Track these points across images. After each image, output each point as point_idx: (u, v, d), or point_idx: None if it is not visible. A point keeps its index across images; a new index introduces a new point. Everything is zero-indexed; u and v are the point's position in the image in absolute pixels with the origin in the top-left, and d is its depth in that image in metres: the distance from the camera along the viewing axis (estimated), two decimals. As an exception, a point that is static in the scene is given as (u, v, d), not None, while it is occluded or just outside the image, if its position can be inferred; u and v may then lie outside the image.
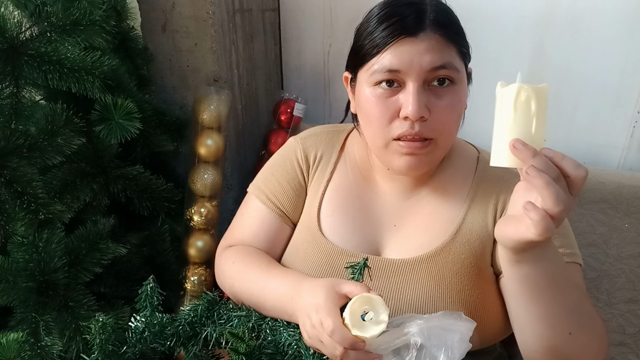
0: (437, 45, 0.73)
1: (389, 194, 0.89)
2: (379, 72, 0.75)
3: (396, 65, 0.74)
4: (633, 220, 1.12)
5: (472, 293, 0.80)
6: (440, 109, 0.76)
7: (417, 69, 0.73)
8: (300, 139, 0.97)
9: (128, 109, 1.06)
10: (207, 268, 1.29)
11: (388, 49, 0.74)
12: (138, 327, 0.74)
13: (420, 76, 0.74)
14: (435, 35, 0.73)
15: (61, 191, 1.06)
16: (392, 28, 0.74)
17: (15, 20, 0.99)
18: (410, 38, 0.73)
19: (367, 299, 0.66)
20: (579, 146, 1.29)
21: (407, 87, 0.75)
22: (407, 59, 0.73)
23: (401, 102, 0.75)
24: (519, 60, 1.28)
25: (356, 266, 0.76)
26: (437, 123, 0.76)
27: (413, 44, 0.73)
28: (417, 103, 0.73)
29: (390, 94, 0.76)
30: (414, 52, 0.73)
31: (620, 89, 1.21)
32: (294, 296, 0.75)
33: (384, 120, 0.77)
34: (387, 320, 0.66)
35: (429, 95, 0.75)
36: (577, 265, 0.81)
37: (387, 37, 0.74)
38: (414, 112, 0.73)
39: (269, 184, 0.94)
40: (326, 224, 0.89)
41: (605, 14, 1.16)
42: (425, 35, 0.73)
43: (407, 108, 0.74)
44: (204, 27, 1.27)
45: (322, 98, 1.56)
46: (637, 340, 1.12)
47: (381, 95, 0.76)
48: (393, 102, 0.76)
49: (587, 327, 0.72)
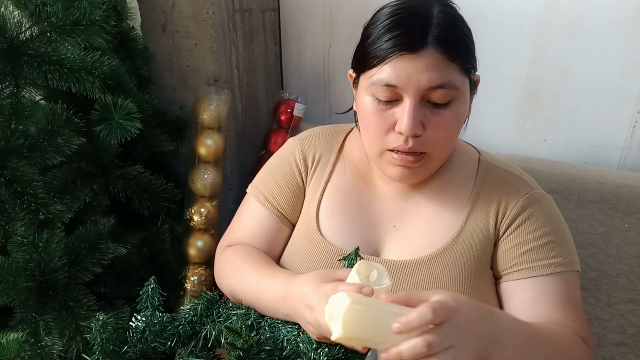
0: (437, 63, 0.73)
1: (389, 195, 0.89)
2: (377, 85, 0.75)
3: (394, 80, 0.73)
4: (633, 220, 1.12)
5: (471, 296, 0.80)
6: (435, 125, 0.76)
7: (415, 86, 0.73)
8: (299, 140, 0.97)
9: (128, 109, 1.06)
10: (207, 268, 1.29)
11: (388, 62, 0.73)
12: (139, 327, 0.74)
13: (418, 93, 0.74)
14: (436, 53, 0.72)
15: (61, 191, 1.06)
16: (394, 41, 0.73)
17: (15, 20, 0.99)
18: (411, 54, 0.72)
19: (370, 265, 0.67)
20: (579, 146, 1.29)
21: (404, 103, 0.75)
22: (406, 75, 0.73)
23: (397, 117, 0.76)
24: (519, 60, 1.28)
25: (348, 257, 0.77)
26: (431, 138, 0.76)
27: (413, 61, 0.72)
28: (411, 120, 0.74)
29: (388, 107, 0.76)
30: (412, 69, 0.72)
31: (620, 89, 1.21)
32: (286, 296, 0.76)
33: (380, 131, 0.77)
34: (391, 282, 0.67)
35: (425, 111, 0.75)
36: (573, 273, 0.82)
37: (388, 50, 0.73)
38: (408, 129, 0.74)
39: (268, 185, 0.94)
40: (325, 224, 0.89)
41: (605, 14, 1.17)
42: (426, 52, 0.72)
43: (401, 124, 0.74)
44: (204, 27, 1.27)
45: (322, 98, 1.56)
46: (637, 340, 1.12)
47: (378, 107, 0.77)
48: (389, 116, 0.76)
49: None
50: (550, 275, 0.80)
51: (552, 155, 1.32)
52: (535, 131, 1.33)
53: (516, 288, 0.82)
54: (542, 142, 1.33)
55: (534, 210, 0.83)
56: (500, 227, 0.83)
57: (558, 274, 0.80)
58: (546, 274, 0.80)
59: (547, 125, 1.31)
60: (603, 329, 1.14)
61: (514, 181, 0.85)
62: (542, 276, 0.80)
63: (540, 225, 0.82)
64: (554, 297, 0.80)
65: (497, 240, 0.83)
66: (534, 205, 0.83)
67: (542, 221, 0.82)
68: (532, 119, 1.32)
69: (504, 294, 0.83)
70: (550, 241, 0.81)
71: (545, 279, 0.80)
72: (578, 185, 1.16)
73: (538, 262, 0.80)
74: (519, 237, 0.82)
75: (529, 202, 0.83)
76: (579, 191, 1.16)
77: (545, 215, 0.83)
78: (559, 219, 0.85)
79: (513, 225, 0.82)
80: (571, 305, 0.81)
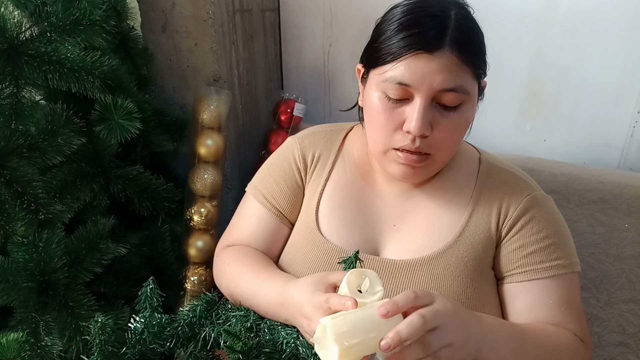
0: (451, 66, 0.72)
1: (389, 194, 0.89)
2: (389, 82, 0.74)
3: (408, 79, 0.73)
4: (633, 220, 1.12)
5: (472, 296, 0.80)
6: (443, 127, 0.76)
7: (428, 86, 0.73)
8: (298, 138, 0.97)
9: (128, 109, 1.06)
10: (207, 268, 1.29)
11: (402, 60, 0.73)
12: (137, 328, 0.74)
13: (430, 94, 0.73)
14: (452, 55, 0.72)
15: (61, 191, 1.06)
16: (411, 39, 0.72)
17: (15, 20, 0.99)
18: (427, 54, 0.72)
19: (361, 273, 0.66)
20: (579, 146, 1.29)
21: (415, 102, 0.74)
22: (419, 75, 0.72)
23: (406, 116, 0.75)
24: (519, 60, 1.28)
25: (348, 260, 0.76)
26: (437, 140, 0.76)
27: (428, 61, 0.72)
28: (421, 120, 0.73)
29: (398, 105, 0.76)
30: (427, 69, 0.72)
31: (620, 89, 1.20)
32: (282, 303, 0.76)
33: (388, 129, 0.77)
34: (382, 290, 0.66)
35: (435, 112, 0.75)
36: (574, 274, 0.83)
37: (403, 47, 0.72)
38: (417, 129, 0.73)
39: (267, 184, 0.94)
40: (324, 223, 0.89)
41: (605, 14, 1.16)
42: (442, 53, 0.72)
43: (410, 123, 0.74)
44: (204, 27, 1.26)
45: (322, 98, 1.56)
46: (637, 340, 1.12)
47: (388, 104, 0.76)
48: (399, 114, 0.76)
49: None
50: (552, 277, 0.80)
51: (552, 155, 1.32)
52: (535, 131, 1.33)
53: (518, 290, 0.82)
54: (542, 142, 1.33)
55: (536, 212, 0.83)
56: (502, 228, 0.83)
57: (560, 277, 0.81)
58: (548, 277, 0.80)
59: (547, 125, 1.31)
60: (603, 329, 1.14)
61: (515, 182, 0.85)
62: (545, 279, 0.80)
63: (542, 227, 0.82)
64: (556, 300, 0.80)
65: (499, 241, 0.83)
66: (536, 208, 0.83)
67: (544, 223, 0.83)
68: (532, 119, 1.32)
69: (506, 296, 0.83)
70: (552, 243, 0.82)
71: (547, 281, 0.80)
72: (578, 185, 1.16)
73: (541, 265, 0.81)
74: (522, 240, 0.82)
75: (531, 204, 0.83)
76: (579, 191, 1.15)
77: (547, 217, 0.83)
78: (560, 221, 0.85)
79: (516, 227, 0.82)
80: (571, 307, 0.81)
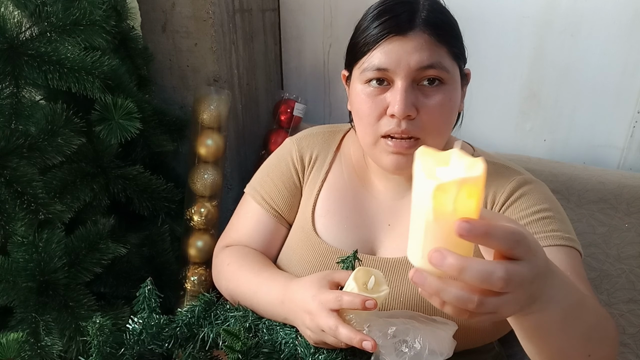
0: (425, 44, 0.74)
1: (384, 194, 0.89)
2: (369, 70, 0.76)
3: (385, 63, 0.75)
4: (633, 220, 1.12)
5: None
6: (428, 108, 0.76)
7: (405, 67, 0.74)
8: (296, 139, 0.97)
9: (128, 109, 1.06)
10: (207, 268, 1.30)
11: (378, 47, 0.75)
12: (135, 329, 0.74)
13: (409, 75, 0.74)
14: (424, 34, 0.74)
15: (61, 191, 1.06)
16: (383, 26, 0.75)
17: (15, 20, 0.99)
18: (400, 37, 0.74)
19: (368, 271, 0.68)
20: (579, 146, 1.29)
21: (396, 86, 0.75)
22: (395, 57, 0.74)
23: (389, 100, 0.76)
24: (519, 60, 1.28)
25: (347, 259, 0.77)
26: (424, 122, 0.76)
27: (402, 43, 0.74)
28: (403, 101, 0.74)
29: (380, 91, 0.77)
30: (402, 51, 0.74)
31: (620, 89, 1.20)
32: (284, 300, 0.76)
33: (373, 117, 0.78)
34: (388, 289, 0.68)
35: (418, 94, 0.76)
36: (575, 251, 0.76)
37: (377, 35, 0.75)
38: (400, 111, 0.74)
39: (265, 185, 0.94)
40: (320, 224, 0.89)
41: (605, 14, 1.16)
42: (414, 34, 0.74)
43: (394, 106, 0.75)
44: (204, 27, 1.27)
45: (322, 98, 1.56)
46: (637, 340, 1.12)
47: (371, 92, 0.77)
48: (382, 100, 0.77)
49: (603, 339, 0.63)
50: (549, 247, 0.73)
51: (552, 155, 1.32)
52: (535, 131, 1.33)
53: None
54: (542, 142, 1.33)
55: (525, 190, 0.80)
56: None
57: (559, 247, 0.73)
58: (546, 245, 0.73)
59: (547, 125, 1.31)
60: (603, 330, 1.14)
61: (501, 170, 0.85)
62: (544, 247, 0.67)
63: (534, 202, 0.79)
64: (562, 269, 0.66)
65: None
66: (524, 187, 0.81)
67: (535, 199, 0.79)
68: (532, 119, 1.32)
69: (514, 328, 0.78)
70: (547, 217, 0.77)
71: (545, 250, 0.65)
72: (578, 185, 1.16)
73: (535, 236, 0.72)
74: (511, 216, 0.77)
75: (519, 185, 0.81)
76: (579, 191, 1.15)
77: (539, 195, 0.80)
78: (555, 202, 0.82)
79: (504, 207, 0.80)
80: (581, 278, 0.72)
